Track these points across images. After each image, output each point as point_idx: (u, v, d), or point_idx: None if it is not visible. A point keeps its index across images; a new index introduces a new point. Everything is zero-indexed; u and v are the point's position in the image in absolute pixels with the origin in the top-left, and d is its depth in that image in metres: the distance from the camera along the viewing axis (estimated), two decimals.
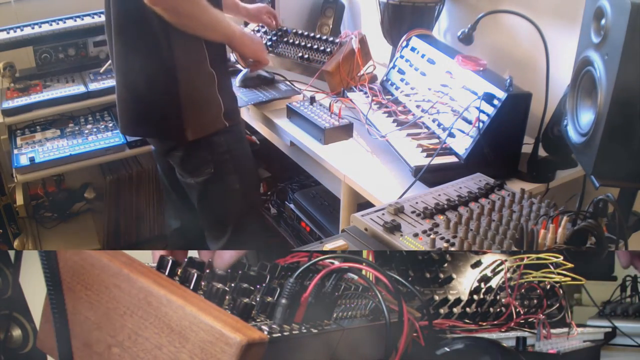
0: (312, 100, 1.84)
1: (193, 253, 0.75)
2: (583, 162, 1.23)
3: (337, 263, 0.76)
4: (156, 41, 1.47)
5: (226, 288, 0.65)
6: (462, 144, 1.47)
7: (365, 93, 1.86)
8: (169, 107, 1.55)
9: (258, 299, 0.67)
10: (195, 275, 0.65)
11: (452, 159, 1.48)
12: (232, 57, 2.10)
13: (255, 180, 1.93)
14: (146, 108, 1.60)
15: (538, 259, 1.15)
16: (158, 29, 1.44)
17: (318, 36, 2.09)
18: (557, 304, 1.31)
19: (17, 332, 1.07)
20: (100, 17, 2.31)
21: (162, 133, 1.66)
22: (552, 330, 1.16)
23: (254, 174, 1.88)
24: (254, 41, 1.73)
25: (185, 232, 1.95)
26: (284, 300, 0.66)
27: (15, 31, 2.20)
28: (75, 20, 2.28)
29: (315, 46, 2.06)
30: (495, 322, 1.16)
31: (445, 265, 1.16)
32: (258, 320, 0.64)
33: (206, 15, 1.47)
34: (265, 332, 0.59)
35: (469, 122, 1.49)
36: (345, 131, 1.73)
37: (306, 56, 2.05)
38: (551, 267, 1.19)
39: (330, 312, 0.74)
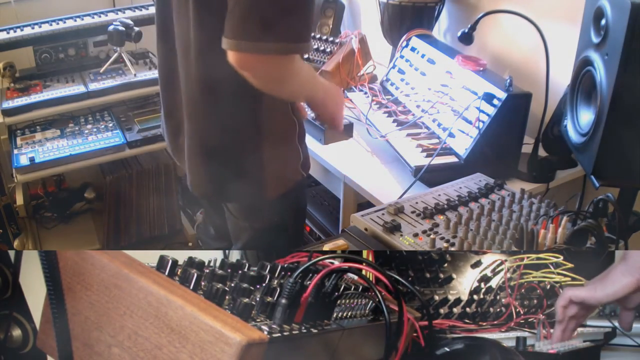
0: None
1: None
2: (583, 162, 1.24)
3: (337, 263, 0.76)
4: (244, 97, 1.26)
5: (226, 288, 0.65)
6: (462, 144, 1.47)
7: (365, 93, 1.86)
8: (250, 162, 1.34)
9: (258, 299, 0.67)
10: (195, 275, 0.65)
11: (452, 159, 1.48)
12: None
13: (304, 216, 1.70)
14: (222, 162, 1.35)
15: (538, 259, 1.15)
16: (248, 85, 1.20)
17: (318, 36, 2.09)
18: None
19: (17, 332, 1.06)
20: (100, 17, 2.31)
21: (235, 193, 1.39)
22: (552, 330, 1.16)
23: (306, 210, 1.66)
24: (336, 102, 1.44)
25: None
26: (284, 300, 0.66)
27: (15, 31, 2.19)
28: (75, 20, 2.28)
29: (315, 46, 2.05)
30: (495, 322, 1.15)
31: (445, 265, 1.15)
32: (258, 320, 0.64)
33: (294, 81, 1.23)
34: (265, 332, 0.59)
35: (469, 122, 1.49)
36: (345, 131, 1.73)
37: (306, 56, 2.05)
38: (551, 267, 1.18)
39: (330, 312, 0.74)
